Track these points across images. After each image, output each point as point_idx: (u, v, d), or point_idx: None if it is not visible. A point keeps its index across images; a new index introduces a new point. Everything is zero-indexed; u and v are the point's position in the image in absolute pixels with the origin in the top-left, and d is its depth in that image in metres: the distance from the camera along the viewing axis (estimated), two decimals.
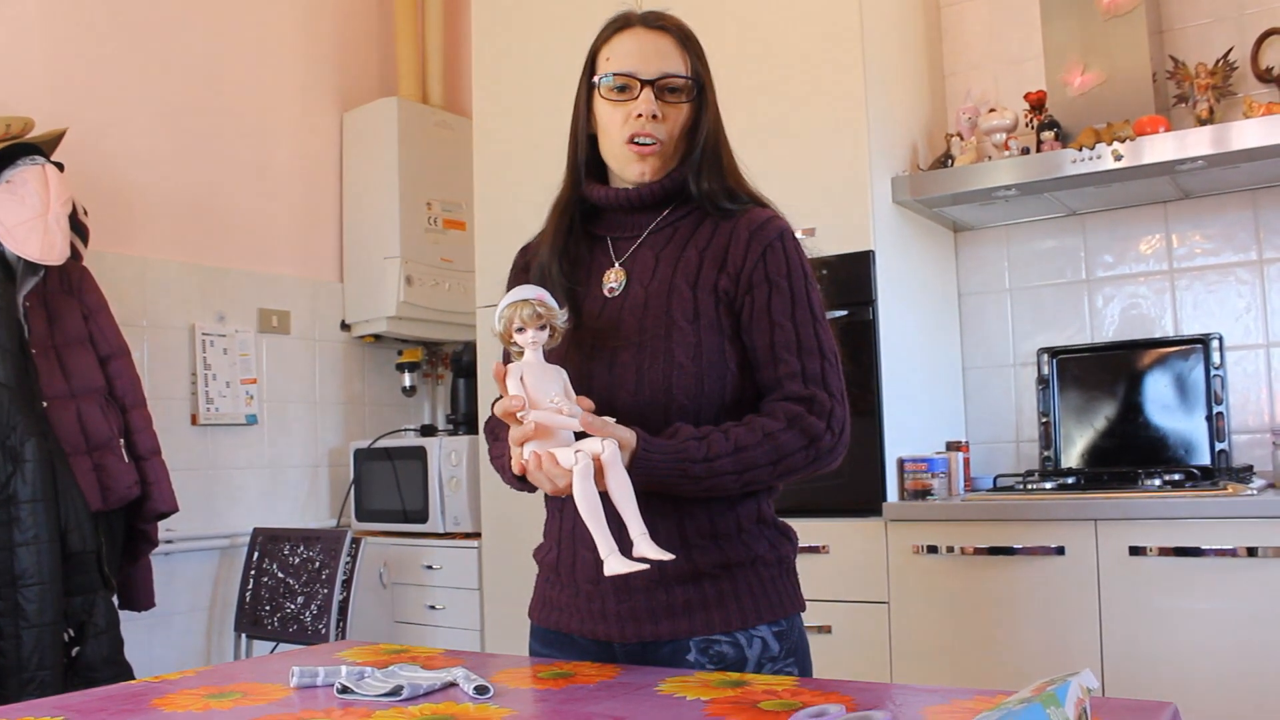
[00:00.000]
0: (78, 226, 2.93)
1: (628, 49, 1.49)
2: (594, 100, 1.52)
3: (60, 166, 2.85)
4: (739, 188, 1.53)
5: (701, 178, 1.50)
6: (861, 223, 2.79)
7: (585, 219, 1.57)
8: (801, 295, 1.45)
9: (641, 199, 1.52)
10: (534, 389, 1.30)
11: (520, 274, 1.62)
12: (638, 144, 1.47)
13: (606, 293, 1.50)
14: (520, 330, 1.33)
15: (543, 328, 1.33)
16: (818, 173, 2.85)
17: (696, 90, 1.50)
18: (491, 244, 3.42)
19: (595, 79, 1.51)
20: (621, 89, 1.48)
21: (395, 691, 1.24)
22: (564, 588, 1.51)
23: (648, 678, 1.31)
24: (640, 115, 1.46)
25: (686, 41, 1.51)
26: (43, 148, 2.85)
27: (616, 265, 1.52)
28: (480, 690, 1.25)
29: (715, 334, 1.43)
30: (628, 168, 1.50)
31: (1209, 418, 2.85)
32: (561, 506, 1.51)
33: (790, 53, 2.92)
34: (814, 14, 2.89)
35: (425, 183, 4.07)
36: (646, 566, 1.21)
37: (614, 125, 1.49)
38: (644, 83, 1.46)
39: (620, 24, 1.52)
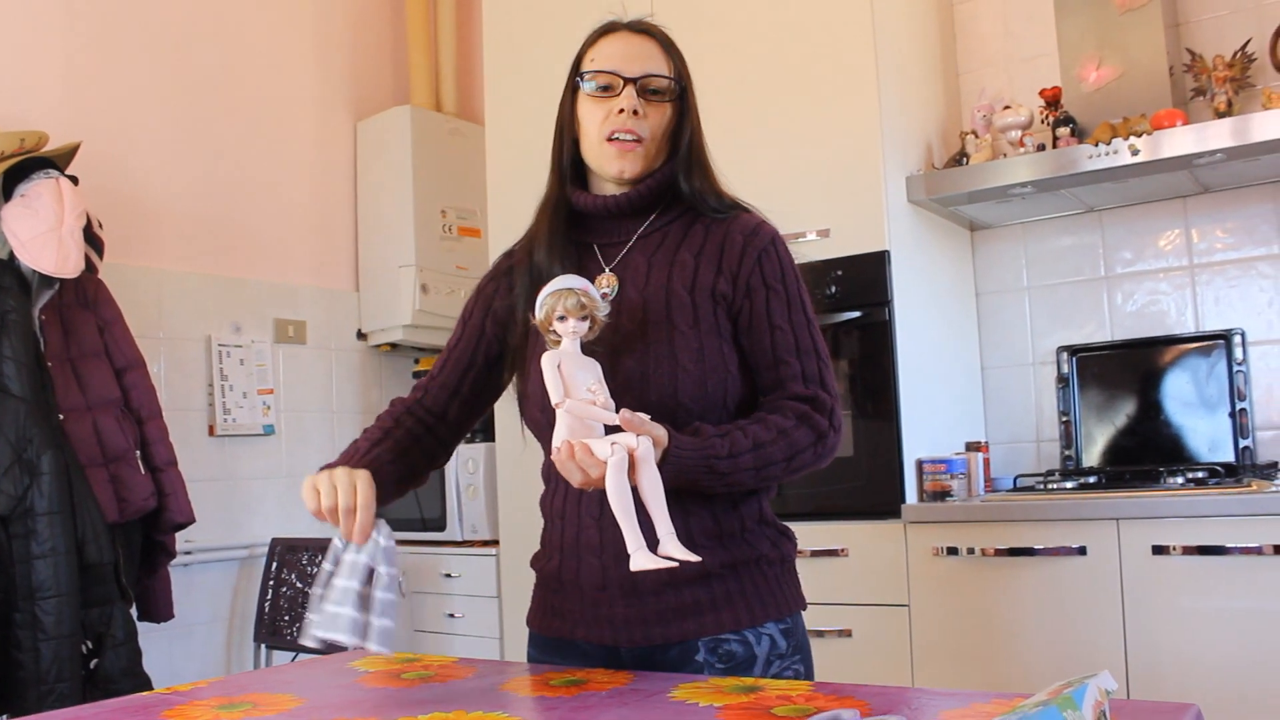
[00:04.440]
0: (93, 239, 2.94)
1: (612, 50, 1.52)
2: (578, 101, 1.53)
3: (75, 180, 2.86)
4: (720, 193, 1.55)
5: (691, 177, 1.52)
6: (876, 223, 2.77)
7: (569, 225, 1.57)
8: (796, 298, 1.48)
9: (630, 203, 1.52)
10: (570, 378, 1.30)
11: (502, 277, 1.62)
12: (618, 139, 1.48)
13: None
14: (562, 319, 1.33)
15: (584, 318, 1.33)
16: (831, 173, 2.83)
17: (679, 92, 1.52)
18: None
19: (579, 78, 1.53)
20: (605, 87, 1.50)
21: None
22: (568, 595, 1.50)
23: (660, 685, 1.29)
24: (621, 111, 1.48)
25: (669, 47, 1.54)
26: (57, 161, 2.86)
27: (607, 270, 1.52)
28: None
29: (715, 337, 1.45)
30: (607, 165, 1.50)
31: (1232, 414, 2.81)
32: (563, 513, 1.50)
33: (802, 53, 2.90)
34: (826, 14, 2.87)
35: (439, 190, 4.07)
36: (674, 564, 1.21)
37: (594, 123, 1.50)
38: (626, 80, 1.49)
39: (605, 29, 1.55)
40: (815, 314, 1.50)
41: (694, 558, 1.22)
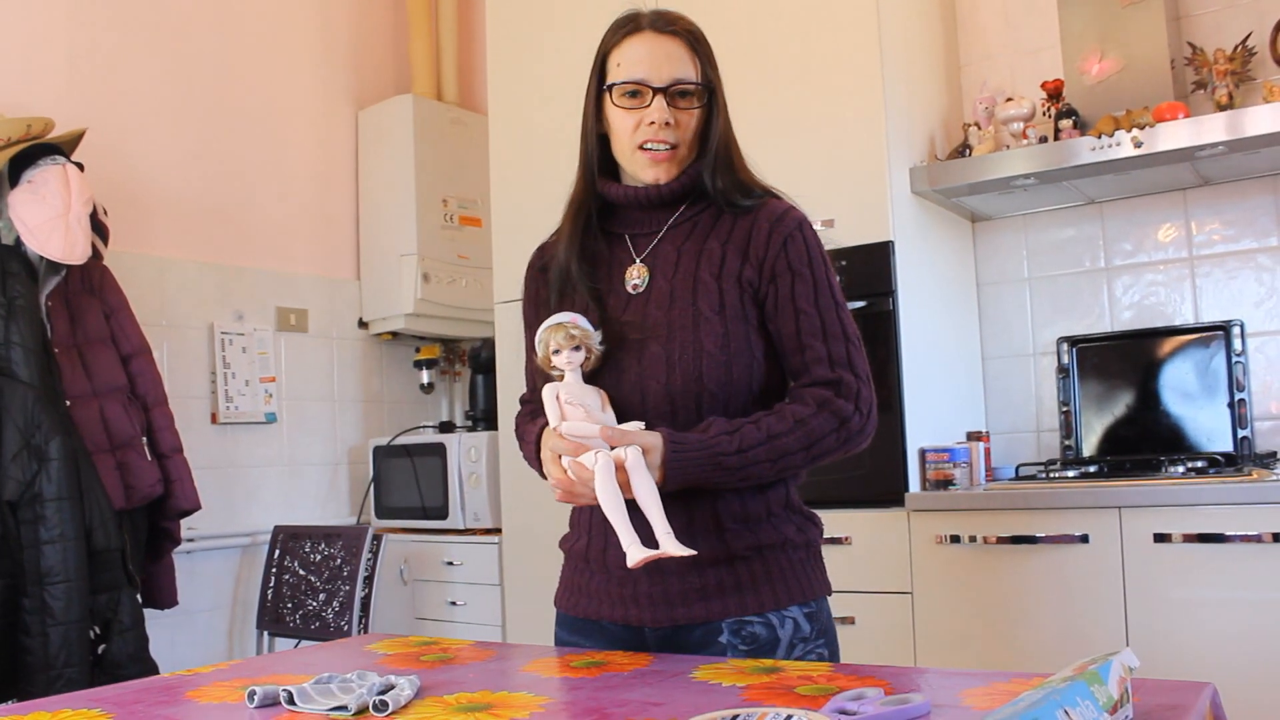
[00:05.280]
0: (98, 226, 2.94)
1: (638, 55, 1.49)
2: (604, 103, 1.53)
3: (80, 166, 2.87)
4: (751, 183, 1.55)
5: (716, 177, 1.52)
6: (880, 213, 2.79)
7: (602, 217, 1.59)
8: (823, 282, 1.49)
9: (660, 196, 1.54)
10: (569, 407, 1.39)
11: (538, 274, 1.64)
12: (650, 150, 1.49)
13: (630, 289, 1.52)
14: (556, 352, 1.41)
15: (577, 349, 1.41)
16: (836, 164, 2.84)
17: (707, 94, 1.52)
18: (508, 240, 3.42)
19: (606, 85, 1.52)
20: (633, 95, 1.49)
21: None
22: (594, 574, 1.53)
23: (681, 665, 1.31)
24: (653, 123, 1.48)
25: (696, 44, 1.52)
26: (63, 148, 2.87)
27: (638, 261, 1.54)
28: (379, 707, 1.14)
29: (741, 323, 1.46)
30: (642, 172, 1.52)
31: (1231, 405, 2.84)
32: None
33: (807, 45, 2.92)
34: (830, 7, 2.88)
35: (441, 180, 4.08)
36: (667, 554, 1.29)
37: (625, 131, 1.50)
38: (655, 90, 1.48)
39: (630, 27, 1.52)
40: (844, 297, 1.51)
41: (690, 552, 1.30)
